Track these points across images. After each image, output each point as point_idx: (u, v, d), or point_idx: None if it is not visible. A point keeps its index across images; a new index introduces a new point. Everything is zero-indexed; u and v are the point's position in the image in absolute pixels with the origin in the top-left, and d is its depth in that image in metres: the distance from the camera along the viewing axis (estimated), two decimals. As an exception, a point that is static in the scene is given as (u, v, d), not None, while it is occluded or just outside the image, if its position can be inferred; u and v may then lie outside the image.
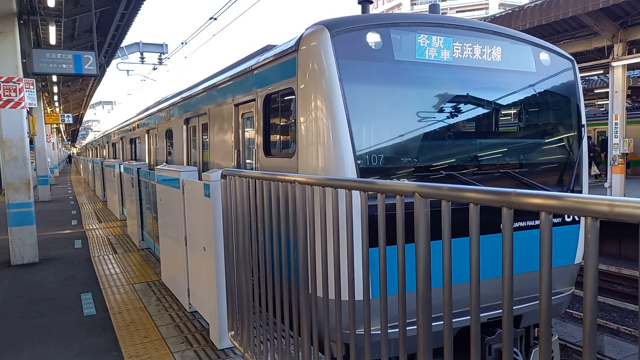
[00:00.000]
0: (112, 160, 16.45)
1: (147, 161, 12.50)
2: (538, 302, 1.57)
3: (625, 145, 14.30)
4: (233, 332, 4.21)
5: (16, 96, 7.86)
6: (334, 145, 4.09)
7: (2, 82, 7.75)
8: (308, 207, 2.85)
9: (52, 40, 11.77)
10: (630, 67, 15.17)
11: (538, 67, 5.25)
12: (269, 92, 5.10)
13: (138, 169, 9.07)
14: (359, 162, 4.15)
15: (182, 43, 20.48)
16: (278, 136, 5.18)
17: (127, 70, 24.73)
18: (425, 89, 4.70)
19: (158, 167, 6.53)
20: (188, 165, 8.55)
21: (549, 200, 1.49)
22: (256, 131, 5.37)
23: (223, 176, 4.03)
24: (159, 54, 22.20)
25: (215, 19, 15.21)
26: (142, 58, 22.02)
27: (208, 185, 4.25)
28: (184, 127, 8.72)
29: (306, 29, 4.52)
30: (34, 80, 12.01)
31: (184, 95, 8.89)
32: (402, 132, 4.57)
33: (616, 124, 14.27)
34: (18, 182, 8.02)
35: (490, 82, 5.01)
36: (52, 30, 11.08)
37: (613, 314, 10.35)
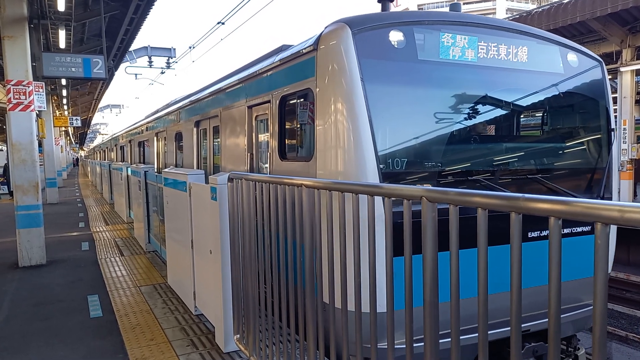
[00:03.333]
0: (120, 163, 16.43)
1: (155, 164, 12.29)
2: (571, 313, 1.54)
3: (634, 150, 14.22)
4: (239, 336, 4.21)
5: (26, 99, 7.93)
6: (355, 148, 3.87)
7: (12, 85, 7.83)
8: (316, 211, 2.84)
9: (62, 44, 11.88)
10: (638, 72, 15.09)
11: (565, 68, 5.05)
12: (285, 93, 4.90)
13: (145, 171, 9.12)
14: (381, 166, 3.93)
15: (190, 47, 20.61)
16: (294, 139, 4.96)
17: (135, 74, 24.91)
18: (450, 90, 4.52)
19: (165, 170, 6.56)
20: (198, 168, 8.39)
21: (557, 206, 1.48)
22: (271, 134, 5.16)
23: (230, 179, 4.04)
24: (167, 58, 22.36)
25: (223, 23, 15.29)
26: (150, 62, 22.19)
27: (215, 189, 4.26)
28: (194, 130, 8.52)
29: (326, 27, 4.32)
30: (44, 83, 12.12)
31: (195, 97, 8.68)
32: (426, 135, 4.38)
33: (625, 129, 14.19)
34: (27, 185, 8.08)
35: (516, 83, 4.81)
36: (61, 34, 11.19)
37: (622, 320, 10.24)
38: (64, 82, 18.88)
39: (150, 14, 12.52)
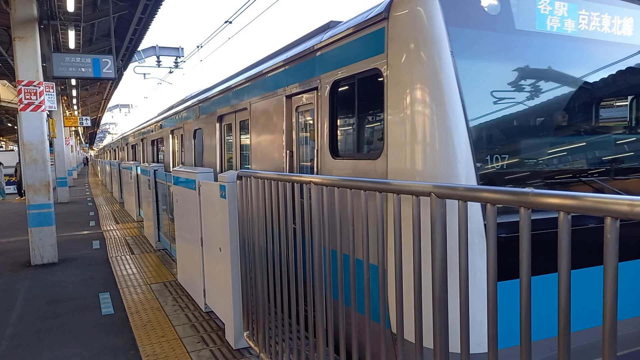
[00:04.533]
0: (130, 162, 16.28)
1: (171, 164, 11.55)
2: None
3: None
4: (248, 332, 4.24)
5: (36, 99, 8.02)
6: (443, 143, 3.06)
7: (23, 85, 7.92)
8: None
9: (72, 45, 11.98)
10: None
11: None
12: (339, 77, 4.07)
13: (155, 170, 9.18)
14: (478, 165, 3.14)
15: (198, 46, 20.67)
16: (352, 133, 4.17)
17: (144, 74, 25.05)
18: (552, 69, 3.67)
19: (174, 168, 6.59)
20: (222, 169, 7.72)
21: (567, 200, 1.47)
22: (318, 127, 4.37)
23: (239, 177, 4.07)
24: (175, 57, 22.45)
25: (230, 22, 15.33)
26: (159, 61, 22.30)
27: (224, 187, 4.29)
28: (217, 125, 7.65)
29: None
30: (54, 83, 12.24)
31: (217, 89, 7.78)
32: (530, 125, 3.64)
33: None
34: (38, 184, 8.17)
35: (623, 61, 3.93)
36: (71, 34, 11.28)
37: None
38: (73, 82, 19.06)
39: (158, 13, 12.57)
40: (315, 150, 4.41)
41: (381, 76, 3.48)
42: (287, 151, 5.02)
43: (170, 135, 11.69)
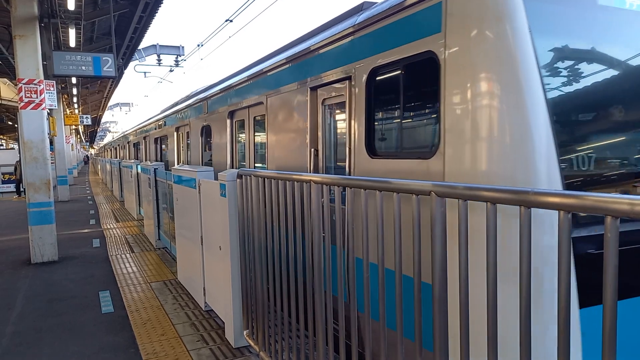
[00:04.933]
0: (131, 161, 16.12)
1: (175, 163, 10.97)
2: None
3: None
4: (248, 331, 4.24)
5: (37, 98, 8.02)
6: (521, 138, 2.53)
7: (24, 84, 7.92)
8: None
9: (72, 43, 11.98)
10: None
11: None
12: (379, 63, 3.52)
13: (155, 169, 9.18)
14: (562, 165, 2.59)
15: (199, 45, 20.67)
16: (396, 128, 3.59)
17: (144, 72, 25.07)
18: (637, 52, 3.07)
19: (175, 167, 6.58)
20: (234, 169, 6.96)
21: (567, 199, 1.47)
22: (351, 122, 3.85)
23: (239, 176, 4.07)
24: (176, 56, 22.47)
25: (231, 21, 15.32)
26: (159, 60, 22.31)
27: (224, 185, 4.29)
28: (228, 122, 7.13)
29: None
30: (54, 82, 12.24)
31: (228, 83, 7.21)
32: (619, 118, 3.01)
33: None
34: (38, 182, 8.18)
35: None
36: (71, 33, 11.28)
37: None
38: (74, 80, 19.07)
39: (159, 12, 12.58)
40: (347, 149, 3.90)
41: (436, 60, 2.94)
42: (311, 150, 4.52)
43: (175, 133, 11.15)
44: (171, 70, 23.85)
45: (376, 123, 3.71)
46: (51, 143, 18.54)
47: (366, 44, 3.73)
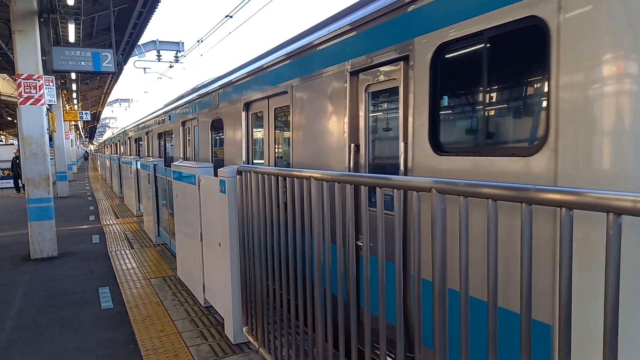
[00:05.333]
0: (131, 157, 15.93)
1: (182, 159, 10.32)
2: None
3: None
4: (248, 327, 4.24)
5: (36, 93, 8.00)
6: None
7: (23, 79, 7.89)
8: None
9: (71, 38, 11.95)
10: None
11: None
12: (452, 37, 2.86)
13: (154, 165, 9.17)
14: None
15: (198, 41, 20.63)
16: (475, 117, 2.93)
17: (144, 68, 25.00)
18: None
19: (174, 163, 6.57)
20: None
21: (568, 196, 1.47)
22: (407, 111, 3.23)
23: (239, 172, 4.06)
24: (175, 51, 22.41)
25: (231, 16, 15.28)
26: (159, 56, 22.25)
27: (224, 182, 4.28)
28: (243, 114, 6.46)
29: None
30: (54, 77, 12.21)
31: (244, 71, 6.51)
32: None
33: None
34: (38, 178, 8.16)
35: None
36: (71, 28, 11.24)
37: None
38: (73, 76, 19.02)
39: (159, 7, 12.55)
40: (403, 144, 3.28)
41: (544, 28, 2.33)
42: (351, 145, 3.90)
43: (181, 127, 10.42)
44: (171, 66, 23.81)
45: (445, 112, 3.08)
46: (50, 139, 18.52)
47: (432, 14, 3.04)
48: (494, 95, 2.83)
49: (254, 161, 6.37)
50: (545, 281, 2.19)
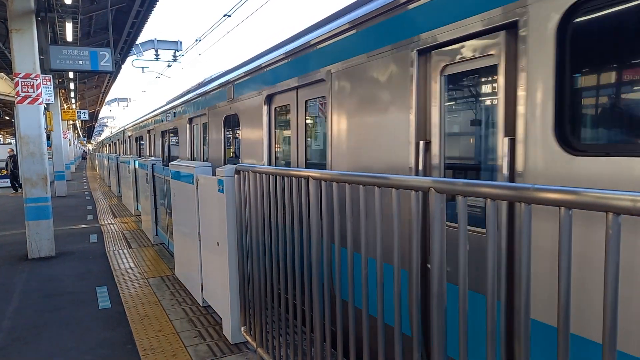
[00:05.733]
0: (129, 156, 15.76)
1: (189, 159, 9.61)
2: None
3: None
4: (246, 327, 4.23)
5: (34, 92, 7.97)
6: None
7: (20, 78, 7.86)
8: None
9: (69, 37, 11.92)
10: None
11: None
12: None
13: (152, 164, 9.15)
14: None
15: (197, 40, 20.59)
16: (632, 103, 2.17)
17: (142, 67, 24.94)
18: None
19: (172, 162, 6.55)
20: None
21: (567, 195, 1.46)
22: (517, 97, 2.49)
23: (237, 172, 4.05)
24: (174, 51, 22.38)
25: (229, 16, 15.26)
26: (157, 55, 22.21)
27: (222, 181, 4.27)
28: (265, 108, 5.65)
29: None
30: (51, 76, 12.18)
31: (267, 59, 5.64)
32: None
33: None
34: (35, 177, 8.14)
35: None
36: (68, 27, 11.21)
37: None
38: (71, 75, 18.97)
39: (157, 6, 12.52)
40: (508, 140, 2.54)
41: None
42: (419, 143, 3.16)
43: (188, 125, 9.61)
44: (169, 66, 23.76)
45: (586, 96, 2.32)
46: (48, 138, 18.47)
47: None
48: None
49: (278, 162, 5.62)
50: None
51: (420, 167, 3.16)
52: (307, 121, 4.91)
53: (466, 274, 1.87)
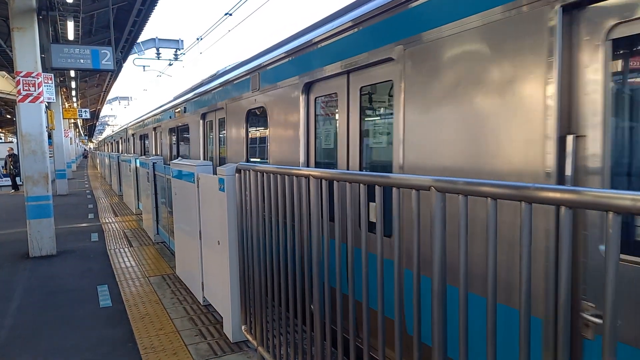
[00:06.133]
0: (129, 155, 15.68)
1: (201, 158, 8.59)
2: None
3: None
4: (246, 326, 4.23)
5: (35, 91, 7.98)
6: None
7: (22, 76, 7.87)
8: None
9: (70, 36, 11.91)
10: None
11: None
12: None
13: (154, 163, 9.16)
14: None
15: (198, 39, 20.60)
16: None
17: (143, 66, 24.95)
18: None
19: (173, 161, 6.55)
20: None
21: (567, 195, 1.46)
22: None
23: (238, 170, 4.05)
24: (175, 49, 22.38)
25: (230, 14, 15.25)
26: (158, 54, 22.22)
27: (223, 180, 4.27)
28: (302, 99, 4.72)
29: None
30: (53, 75, 12.19)
31: (307, 38, 4.68)
32: None
33: None
34: (37, 176, 8.15)
35: None
36: (70, 25, 11.21)
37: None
38: (72, 74, 18.97)
39: (158, 5, 12.52)
40: None
41: None
42: (566, 137, 2.24)
43: (201, 121, 8.62)
44: (170, 64, 23.76)
45: None
46: (50, 137, 18.48)
47: None
48: None
49: (319, 165, 4.64)
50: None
51: (568, 172, 2.22)
52: (365, 113, 3.98)
53: (466, 274, 1.88)
